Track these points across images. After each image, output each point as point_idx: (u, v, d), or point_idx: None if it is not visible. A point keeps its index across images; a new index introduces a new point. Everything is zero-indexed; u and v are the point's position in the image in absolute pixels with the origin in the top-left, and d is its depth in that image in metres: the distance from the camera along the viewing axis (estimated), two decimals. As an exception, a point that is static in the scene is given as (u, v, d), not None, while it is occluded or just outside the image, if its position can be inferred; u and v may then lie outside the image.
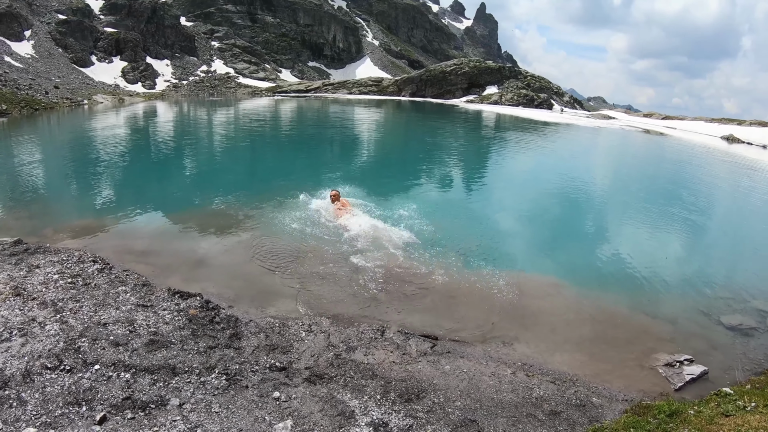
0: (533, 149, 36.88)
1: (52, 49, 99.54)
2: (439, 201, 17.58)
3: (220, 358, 7.23)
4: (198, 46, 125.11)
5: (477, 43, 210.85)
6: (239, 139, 40.37)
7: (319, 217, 15.06)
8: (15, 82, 77.25)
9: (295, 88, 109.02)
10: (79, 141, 39.16)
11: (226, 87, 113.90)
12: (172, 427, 5.78)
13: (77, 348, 7.08)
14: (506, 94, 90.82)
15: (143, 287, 9.45)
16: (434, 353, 7.85)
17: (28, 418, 5.76)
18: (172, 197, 18.08)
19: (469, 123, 56.25)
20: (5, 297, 8.51)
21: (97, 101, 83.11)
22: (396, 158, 31.51)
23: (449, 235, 14.11)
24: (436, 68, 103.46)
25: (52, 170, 25.98)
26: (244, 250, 12.43)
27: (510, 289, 10.82)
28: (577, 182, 23.59)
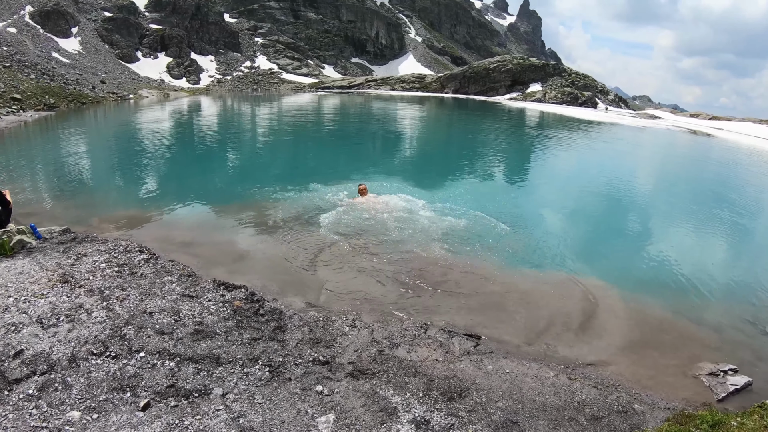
0: (576, 148, 36.35)
1: (98, 45, 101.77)
2: (482, 199, 17.37)
3: (264, 350, 7.22)
4: (241, 42, 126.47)
5: (520, 39, 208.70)
6: (282, 134, 40.67)
7: (362, 211, 15.04)
8: (62, 77, 79.12)
9: (337, 84, 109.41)
10: (124, 134, 39.90)
11: (270, 83, 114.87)
12: (215, 416, 5.78)
13: (123, 335, 7.14)
14: (550, 92, 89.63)
15: (188, 278, 9.52)
16: (477, 352, 7.73)
17: (73, 402, 5.81)
18: (215, 190, 18.25)
19: (512, 121, 55.75)
20: (53, 284, 8.66)
21: (143, 96, 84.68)
22: (437, 154, 31.38)
23: (492, 233, 13.95)
24: (479, 65, 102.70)
25: (98, 162, 26.52)
26: (287, 243, 12.47)
27: (553, 290, 10.64)
28: (622, 183, 23.11)
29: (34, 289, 8.43)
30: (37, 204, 16.78)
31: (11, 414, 5.55)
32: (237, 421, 5.73)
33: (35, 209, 15.89)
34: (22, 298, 8.04)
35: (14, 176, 21.01)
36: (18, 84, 65.33)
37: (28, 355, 6.54)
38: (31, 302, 7.91)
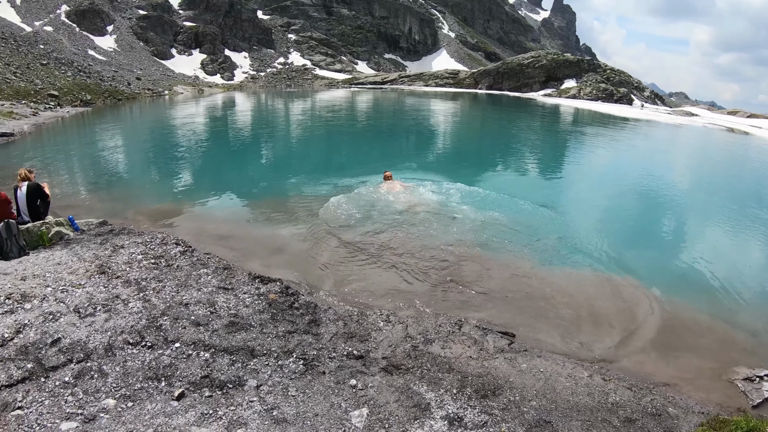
0: (612, 146, 35.83)
1: (133, 42, 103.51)
2: (516, 195, 17.16)
3: (299, 343, 7.22)
4: (275, 38, 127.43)
5: (554, 35, 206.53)
6: (315, 129, 40.84)
7: (397, 205, 15.00)
8: (99, 74, 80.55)
9: (371, 80, 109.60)
10: (159, 129, 40.48)
11: (303, 78, 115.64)
12: (249, 408, 5.78)
13: (159, 326, 7.20)
14: (585, 88, 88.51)
15: (224, 270, 9.58)
16: (511, 350, 7.64)
17: (108, 390, 5.87)
18: (249, 184, 18.38)
19: (547, 117, 55.22)
20: (91, 274, 8.77)
21: (178, 92, 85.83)
22: (471, 149, 31.20)
23: (527, 230, 13.78)
24: (513, 61, 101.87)
25: (134, 156, 26.92)
26: (320, 237, 12.47)
27: (590, 289, 10.47)
28: (659, 182, 22.65)
29: (71, 279, 8.56)
30: (74, 197, 17.07)
31: (47, 400, 5.62)
32: (270, 413, 5.73)
33: (72, 202, 16.16)
34: (60, 287, 8.16)
35: (52, 170, 21.42)
36: (55, 81, 66.67)
37: (65, 344, 6.63)
38: (69, 292, 8.02)
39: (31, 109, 48.13)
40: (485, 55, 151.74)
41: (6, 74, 60.65)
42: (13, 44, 75.65)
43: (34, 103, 52.93)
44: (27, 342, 6.60)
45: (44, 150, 28.61)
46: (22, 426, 5.24)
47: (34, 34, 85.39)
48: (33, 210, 11.48)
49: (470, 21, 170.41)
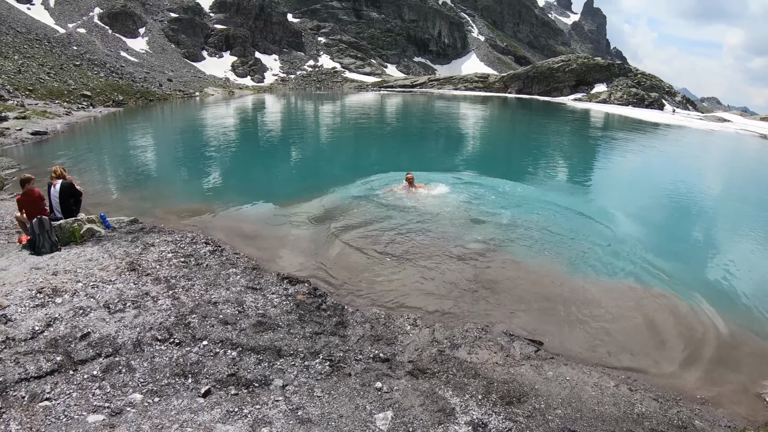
0: (643, 153, 35.31)
1: (165, 44, 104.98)
2: (546, 201, 16.99)
3: (325, 344, 7.22)
4: (305, 41, 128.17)
5: (584, 38, 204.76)
6: (344, 131, 40.96)
7: (423, 208, 14.97)
8: (131, 75, 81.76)
9: (400, 83, 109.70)
10: (189, 129, 40.86)
11: (333, 81, 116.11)
12: (274, 407, 5.79)
13: (187, 323, 7.27)
14: (615, 93, 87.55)
15: (253, 270, 9.64)
16: (538, 358, 7.54)
17: (136, 385, 5.95)
18: (278, 184, 18.46)
19: (577, 122, 54.72)
20: (121, 271, 8.88)
21: (208, 93, 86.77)
22: (500, 154, 31.02)
23: (556, 236, 13.61)
24: (543, 65, 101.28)
25: (164, 155, 27.23)
26: (348, 239, 12.44)
27: (619, 299, 10.29)
28: (691, 190, 22.24)
29: (102, 275, 8.67)
30: (105, 195, 17.31)
31: (75, 393, 5.72)
32: (296, 413, 5.73)
33: (103, 200, 16.39)
34: (90, 283, 8.28)
35: (83, 168, 21.75)
36: (88, 81, 67.79)
37: (95, 338, 6.73)
38: (99, 288, 8.13)
39: (65, 109, 48.98)
40: (515, 58, 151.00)
41: (40, 74, 61.80)
42: (47, 45, 77.08)
43: (67, 103, 53.88)
44: (57, 335, 6.71)
45: (77, 149, 29.08)
46: (49, 417, 5.33)
47: (67, 36, 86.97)
48: (66, 207, 11.65)
49: (500, 24, 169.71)
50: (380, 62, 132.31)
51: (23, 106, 44.29)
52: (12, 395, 5.61)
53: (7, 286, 8.11)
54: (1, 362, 6.11)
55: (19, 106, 43.84)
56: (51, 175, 11.77)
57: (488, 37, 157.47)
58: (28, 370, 6.01)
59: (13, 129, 33.54)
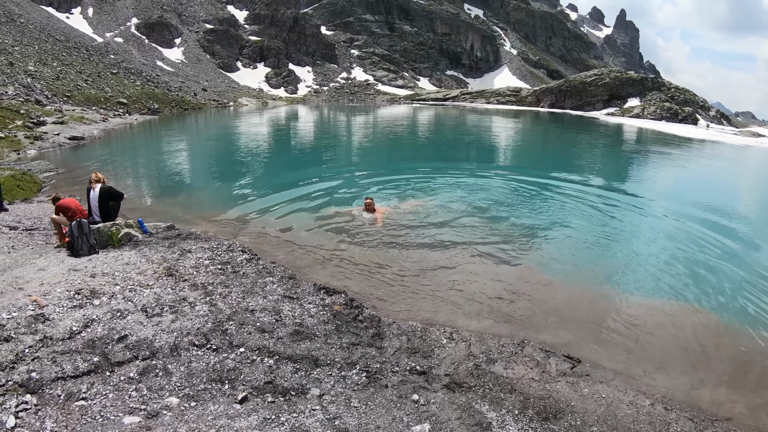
0: (678, 168, 34.76)
1: (200, 55, 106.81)
2: (578, 215, 16.81)
3: (362, 355, 7.17)
4: (338, 53, 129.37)
5: (617, 52, 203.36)
6: (378, 142, 41.07)
7: (460, 222, 14.92)
8: (166, 84, 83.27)
9: (432, 97, 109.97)
10: (224, 138, 41.32)
11: (366, 93, 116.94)
12: (311, 416, 5.75)
13: (224, 330, 7.27)
14: (648, 107, 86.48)
15: (289, 280, 9.64)
16: (573, 374, 7.42)
17: (172, 389, 5.96)
18: (313, 195, 18.43)
19: (610, 137, 54.09)
20: (158, 276, 8.94)
21: (242, 103, 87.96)
22: (533, 167, 30.72)
23: (590, 252, 13.42)
24: (575, 78, 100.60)
25: (199, 163, 27.53)
26: (384, 251, 12.40)
27: (657, 317, 10.07)
28: (727, 207, 21.56)
29: (140, 279, 8.74)
30: (140, 200, 17.54)
31: (111, 394, 5.75)
32: (332, 422, 5.69)
33: (138, 205, 16.60)
34: (128, 287, 8.35)
35: (119, 174, 22.08)
36: (124, 89, 69.10)
37: (132, 341, 6.76)
38: (137, 291, 8.19)
39: (101, 115, 49.98)
40: (547, 72, 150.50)
41: (78, 81, 63.12)
42: (85, 53, 78.76)
43: (103, 110, 54.97)
44: (94, 336, 6.76)
45: (113, 154, 29.56)
46: (85, 416, 5.36)
47: (105, 45, 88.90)
48: (104, 211, 11.83)
49: (532, 38, 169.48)
50: (413, 75, 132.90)
51: (61, 112, 45.25)
52: (48, 393, 5.66)
53: (46, 286, 8.21)
54: (39, 360, 6.16)
55: (57, 112, 44.79)
56: (91, 179, 11.97)
57: (520, 51, 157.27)
58: (65, 369, 6.05)
59: (51, 133, 34.25)
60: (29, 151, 28.15)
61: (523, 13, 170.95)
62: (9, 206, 14.93)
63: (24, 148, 28.83)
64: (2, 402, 5.41)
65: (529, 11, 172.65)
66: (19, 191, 17.69)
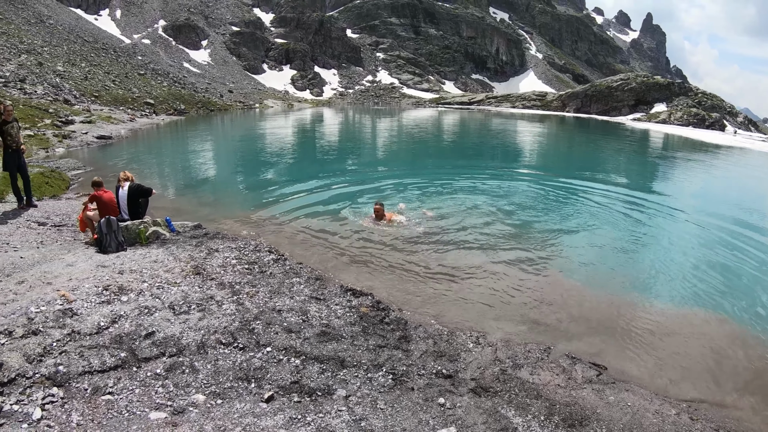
0: (706, 175, 34.23)
1: (226, 57, 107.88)
2: (604, 221, 16.62)
3: (388, 357, 7.15)
4: (363, 56, 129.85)
5: (644, 56, 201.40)
6: (403, 144, 41.10)
7: (486, 225, 14.87)
8: (193, 86, 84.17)
9: (458, 100, 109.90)
10: (249, 139, 41.55)
11: (391, 97, 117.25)
12: (337, 416, 5.74)
13: (251, 329, 7.29)
14: (675, 113, 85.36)
15: (316, 281, 9.66)
16: (599, 382, 7.33)
17: (199, 386, 5.99)
18: (338, 196, 18.43)
19: (636, 143, 53.50)
20: (186, 274, 8.99)
21: (268, 105, 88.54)
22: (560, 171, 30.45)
23: (618, 259, 13.24)
24: (601, 83, 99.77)
25: (225, 163, 27.70)
26: (411, 253, 12.35)
27: (686, 327, 9.91)
28: (757, 216, 21.24)
29: (167, 277, 8.80)
30: (165, 199, 17.66)
31: (138, 389, 5.79)
32: (358, 424, 5.67)
33: (164, 204, 16.71)
34: (156, 284, 8.40)
35: (146, 173, 22.29)
36: (151, 90, 69.90)
37: (159, 337, 6.80)
38: (165, 289, 8.25)
39: (128, 115, 50.57)
40: (573, 76, 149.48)
41: (106, 82, 63.96)
42: (113, 55, 79.89)
43: (131, 110, 55.60)
44: (122, 332, 6.81)
45: (139, 153, 29.87)
46: (111, 410, 5.40)
47: (132, 46, 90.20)
48: (133, 209, 11.96)
49: (558, 42, 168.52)
50: (438, 79, 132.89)
51: (89, 111, 45.82)
52: (75, 387, 5.71)
53: (74, 282, 8.29)
54: (66, 354, 6.22)
55: (85, 111, 45.36)
56: (119, 177, 12.11)
57: (546, 55, 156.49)
58: (92, 363, 6.10)
59: (79, 132, 34.69)
60: (58, 149, 28.56)
61: (548, 16, 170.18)
62: (38, 202, 15.14)
63: (52, 146, 29.24)
64: (29, 394, 5.47)
65: (554, 15, 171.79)
66: (48, 188, 17.94)
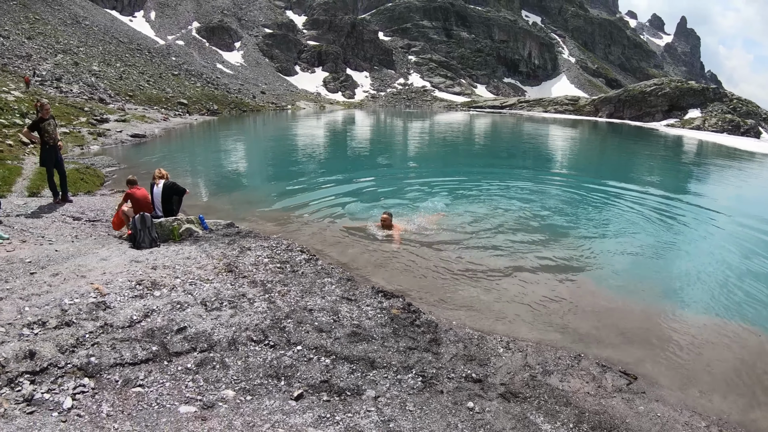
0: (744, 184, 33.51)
1: (259, 58, 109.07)
2: (641, 229, 16.34)
3: (418, 360, 7.13)
4: (395, 59, 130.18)
5: (678, 60, 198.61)
6: (433, 147, 41.04)
7: (516, 230, 14.83)
8: (225, 86, 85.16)
9: (489, 104, 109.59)
10: (281, 139, 41.87)
11: (423, 100, 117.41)
12: (366, 417, 5.73)
13: (282, 327, 7.32)
14: (710, 119, 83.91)
15: (347, 281, 9.66)
16: (629, 391, 7.24)
17: (229, 381, 6.02)
18: (369, 198, 18.47)
19: (670, 149, 52.69)
20: (218, 271, 9.05)
21: (300, 107, 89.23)
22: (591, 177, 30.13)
23: (652, 267, 13.03)
24: (635, 88, 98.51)
25: (256, 163, 27.98)
26: (443, 258, 12.27)
27: (715, 336, 9.70)
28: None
29: (200, 274, 8.87)
30: (197, 198, 17.88)
31: (168, 383, 5.85)
32: (387, 425, 5.66)
33: (196, 202, 16.92)
34: (188, 280, 8.48)
35: (178, 171, 22.55)
36: (185, 90, 70.88)
37: (190, 333, 6.86)
38: (197, 285, 8.32)
39: (162, 115, 51.38)
40: (606, 81, 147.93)
41: (140, 82, 65.05)
42: (147, 55, 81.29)
43: (164, 109, 56.51)
44: (154, 326, 6.89)
45: (172, 152, 30.30)
46: (141, 402, 5.46)
47: (166, 47, 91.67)
48: (167, 207, 12.13)
49: (590, 46, 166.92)
50: (470, 82, 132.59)
51: (123, 110, 46.70)
52: (106, 378, 5.78)
53: (108, 275, 8.39)
54: (98, 346, 6.30)
55: (120, 110, 46.24)
56: (155, 175, 12.30)
57: (579, 59, 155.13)
58: (124, 356, 6.17)
59: (113, 131, 35.37)
60: (92, 147, 29.13)
61: (581, 20, 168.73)
62: (73, 198, 15.43)
63: (87, 143, 29.84)
64: (60, 383, 5.55)
65: (587, 18, 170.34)
66: (83, 184, 18.30)
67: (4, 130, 25.14)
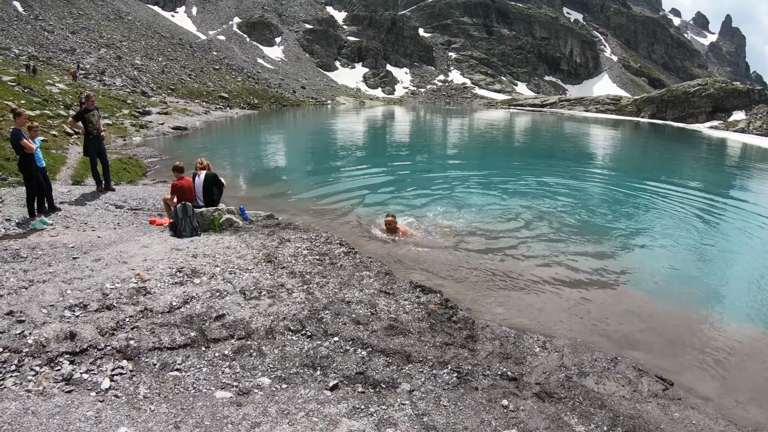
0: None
1: (299, 54, 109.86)
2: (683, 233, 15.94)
3: (454, 355, 7.11)
4: (435, 56, 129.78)
5: (722, 60, 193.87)
6: (474, 144, 40.90)
7: (555, 230, 14.70)
8: (266, 81, 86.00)
9: (530, 102, 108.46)
10: (322, 133, 42.00)
11: (462, 97, 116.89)
12: (400, 410, 5.73)
13: (320, 318, 7.38)
14: (755, 122, 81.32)
15: (386, 275, 9.69)
16: (665, 397, 7.11)
17: (265, 369, 6.10)
18: (409, 193, 18.43)
19: (714, 152, 51.42)
20: (258, 261, 9.16)
21: (340, 102, 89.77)
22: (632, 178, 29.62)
23: (693, 272, 12.71)
24: (678, 88, 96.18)
25: (295, 156, 28.15)
26: (481, 255, 12.20)
27: (754, 344, 9.46)
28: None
29: (239, 263, 8.99)
30: (237, 189, 18.08)
31: (205, 368, 5.96)
32: (421, 419, 5.65)
33: (236, 194, 17.10)
34: (228, 269, 8.60)
35: (218, 163, 22.83)
36: (225, 84, 71.78)
37: (229, 320, 6.96)
38: (236, 274, 8.43)
39: (203, 108, 52.09)
40: (648, 80, 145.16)
41: (182, 76, 66.05)
42: (189, 50, 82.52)
43: (206, 103, 57.28)
44: (193, 313, 7.02)
45: (213, 144, 30.69)
46: (178, 386, 5.58)
47: (208, 42, 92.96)
48: (208, 197, 12.30)
49: (633, 44, 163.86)
50: (510, 80, 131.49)
51: (165, 103, 47.43)
52: (144, 361, 5.93)
53: (149, 262, 8.57)
54: (138, 330, 6.45)
55: (161, 103, 46.99)
56: (196, 165, 12.49)
57: (621, 58, 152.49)
58: (162, 340, 6.31)
59: (155, 123, 36.00)
60: (135, 138, 29.68)
61: (623, 17, 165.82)
62: (116, 187, 15.75)
63: (130, 135, 30.41)
64: (99, 365, 5.71)
65: (630, 16, 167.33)
66: (126, 174, 18.69)
67: (49, 121, 25.79)
